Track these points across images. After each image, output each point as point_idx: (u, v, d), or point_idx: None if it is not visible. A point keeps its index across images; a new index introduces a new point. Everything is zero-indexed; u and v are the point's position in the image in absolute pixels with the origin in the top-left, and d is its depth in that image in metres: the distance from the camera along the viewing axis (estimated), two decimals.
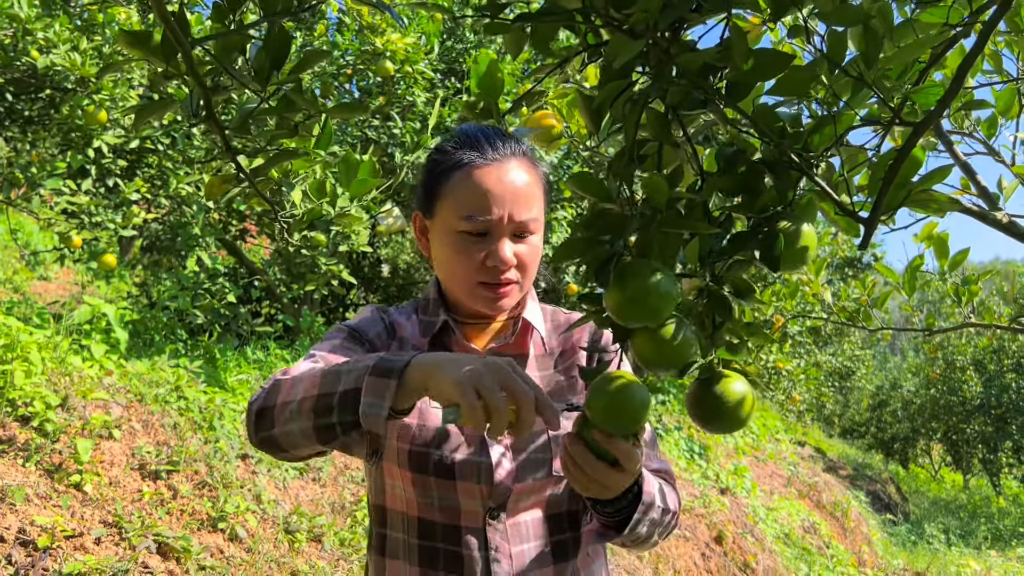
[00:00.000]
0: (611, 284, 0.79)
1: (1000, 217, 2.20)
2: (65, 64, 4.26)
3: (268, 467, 3.94)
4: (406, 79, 5.38)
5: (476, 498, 1.21)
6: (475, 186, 1.21)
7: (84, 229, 4.45)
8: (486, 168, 1.22)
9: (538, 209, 1.26)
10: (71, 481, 3.10)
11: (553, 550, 1.26)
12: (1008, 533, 10.74)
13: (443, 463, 1.21)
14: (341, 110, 1.03)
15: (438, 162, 1.26)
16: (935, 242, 2.77)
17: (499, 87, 0.85)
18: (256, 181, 1.13)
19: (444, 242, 1.25)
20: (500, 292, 1.24)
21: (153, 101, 1.06)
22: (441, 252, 1.27)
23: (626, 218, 0.76)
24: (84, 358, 4.03)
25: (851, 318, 3.03)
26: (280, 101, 1.01)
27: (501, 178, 1.22)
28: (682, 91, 0.75)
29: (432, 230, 1.30)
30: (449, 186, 1.23)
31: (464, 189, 1.22)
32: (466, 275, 1.24)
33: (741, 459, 8.06)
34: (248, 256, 6.71)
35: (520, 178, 1.23)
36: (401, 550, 1.25)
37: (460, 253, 1.23)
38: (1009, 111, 2.45)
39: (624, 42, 0.69)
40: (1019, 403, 13.45)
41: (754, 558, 5.68)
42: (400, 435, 1.24)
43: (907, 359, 19.66)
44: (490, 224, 1.21)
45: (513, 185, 1.22)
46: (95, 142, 4.51)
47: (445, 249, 1.25)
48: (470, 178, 1.22)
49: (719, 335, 0.84)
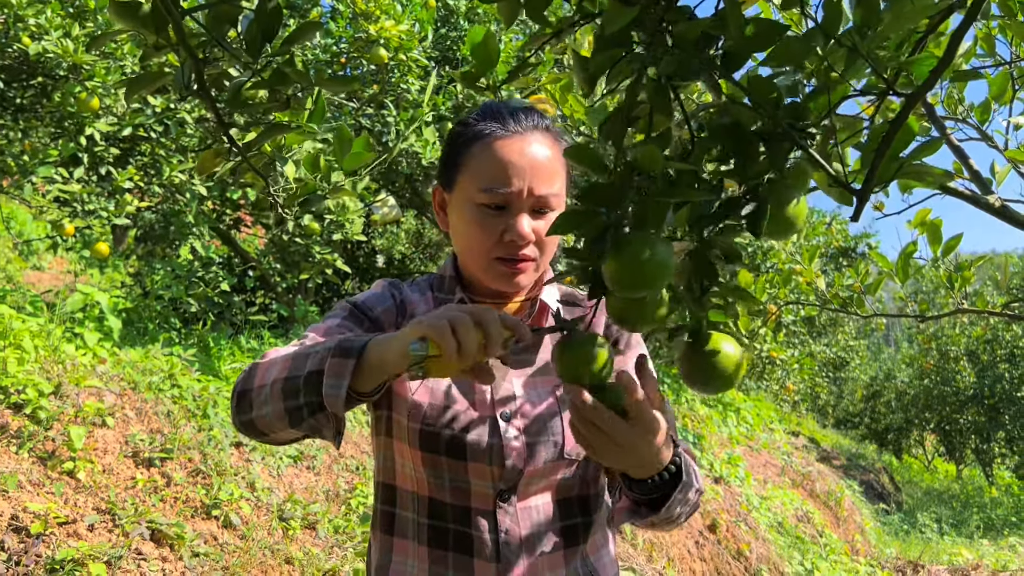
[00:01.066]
0: (608, 255, 0.79)
1: (992, 201, 2.21)
2: (57, 51, 4.23)
3: (262, 455, 3.93)
4: (400, 67, 5.36)
5: (487, 479, 1.20)
6: (495, 157, 1.18)
7: (76, 217, 4.43)
8: (507, 140, 1.19)
9: (560, 185, 1.23)
10: (64, 468, 3.09)
11: (563, 534, 1.24)
12: (1000, 522, 10.81)
13: (454, 443, 1.19)
14: (332, 83, 1.02)
15: (459, 134, 1.24)
16: (928, 228, 2.78)
17: (495, 57, 0.84)
18: (249, 155, 1.12)
19: (462, 215, 1.22)
20: (517, 268, 1.21)
21: (144, 73, 1.05)
22: (459, 225, 1.24)
23: (622, 189, 0.76)
24: (77, 346, 4.01)
25: (844, 305, 3.04)
26: (272, 74, 1.01)
27: (522, 150, 1.19)
28: (676, 61, 0.74)
29: (451, 203, 1.27)
30: (469, 156, 1.21)
31: (484, 160, 1.19)
32: (483, 249, 1.21)
33: (735, 448, 8.09)
34: (242, 246, 6.69)
35: (541, 152, 1.20)
36: (410, 529, 1.24)
37: (478, 226, 1.20)
38: (1003, 96, 2.45)
39: (618, 9, 0.69)
40: (1012, 393, 13.52)
41: (747, 546, 5.70)
42: (411, 414, 1.22)
43: (901, 350, 19.75)
44: (509, 197, 1.18)
45: (534, 158, 1.19)
46: (87, 130, 4.48)
47: (463, 222, 1.23)
48: (490, 149, 1.19)
49: (706, 298, 0.85)
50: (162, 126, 4.78)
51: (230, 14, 0.97)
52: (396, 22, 5.13)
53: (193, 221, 4.90)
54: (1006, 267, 3.28)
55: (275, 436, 1.12)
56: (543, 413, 1.24)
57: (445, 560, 1.20)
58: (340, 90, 1.09)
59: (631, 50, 0.77)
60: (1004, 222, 2.16)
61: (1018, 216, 2.17)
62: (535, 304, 1.31)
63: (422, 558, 1.21)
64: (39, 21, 4.27)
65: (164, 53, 1.01)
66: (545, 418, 1.24)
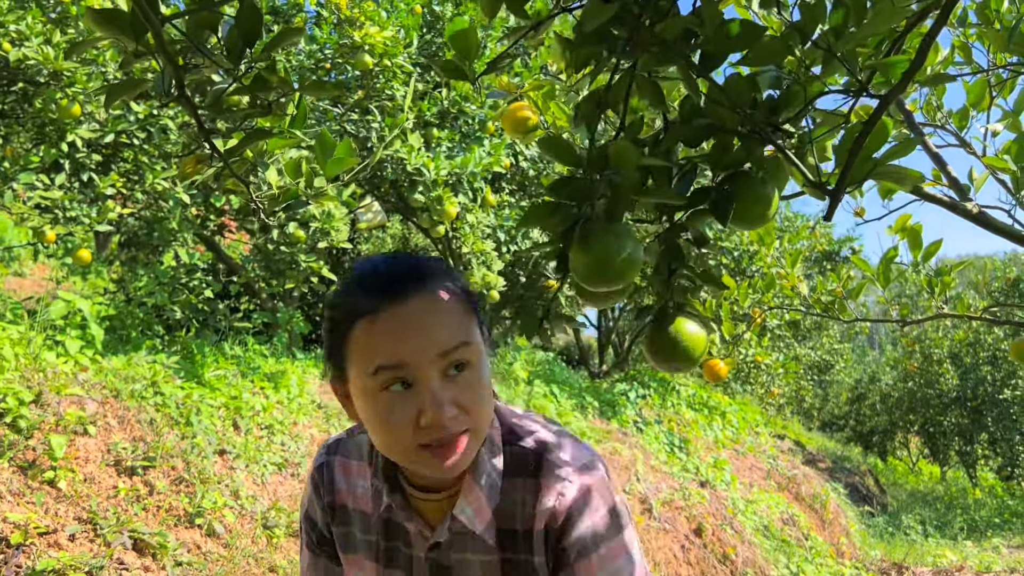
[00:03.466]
0: (577, 248, 0.80)
1: (970, 208, 2.23)
2: (38, 57, 4.20)
3: (246, 463, 3.91)
4: (385, 73, 5.35)
5: None
6: (377, 335, 1.00)
7: (58, 224, 4.39)
8: (385, 314, 1.00)
9: (466, 331, 1.03)
10: (45, 478, 3.06)
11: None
12: (984, 524, 10.89)
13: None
14: (314, 89, 1.02)
15: (334, 321, 1.07)
16: (908, 234, 2.80)
17: (474, 48, 0.84)
18: (230, 161, 1.11)
19: (365, 408, 1.03)
20: (451, 450, 1.00)
21: (124, 80, 1.04)
22: (367, 420, 1.04)
23: (593, 183, 0.76)
24: (59, 354, 3.98)
25: (827, 310, 3.06)
26: (253, 80, 1.00)
27: (406, 318, 1.00)
28: (655, 59, 0.75)
29: (354, 395, 1.07)
30: (351, 343, 1.03)
31: (366, 343, 1.01)
32: (402, 443, 1.00)
33: (721, 452, 8.11)
34: (227, 252, 6.65)
35: (430, 309, 1.02)
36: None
37: (386, 418, 1.00)
38: (980, 103, 2.48)
39: (597, 6, 0.69)
40: (994, 395, 13.64)
41: (733, 550, 5.72)
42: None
43: (885, 353, 19.88)
44: (408, 371, 0.99)
45: (423, 320, 1.01)
46: (69, 136, 4.44)
47: (369, 417, 1.03)
48: (370, 329, 1.01)
49: (674, 280, 0.87)
50: (145, 132, 4.76)
51: (210, 21, 0.97)
52: (381, 28, 5.13)
53: (176, 227, 4.87)
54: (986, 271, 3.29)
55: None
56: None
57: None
58: (322, 95, 1.08)
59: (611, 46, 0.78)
60: (982, 228, 2.19)
61: (995, 222, 2.19)
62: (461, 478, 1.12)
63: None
64: (19, 27, 4.24)
65: (144, 60, 1.01)
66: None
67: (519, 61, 5.98)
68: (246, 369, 4.91)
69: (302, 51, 5.99)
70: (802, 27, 0.75)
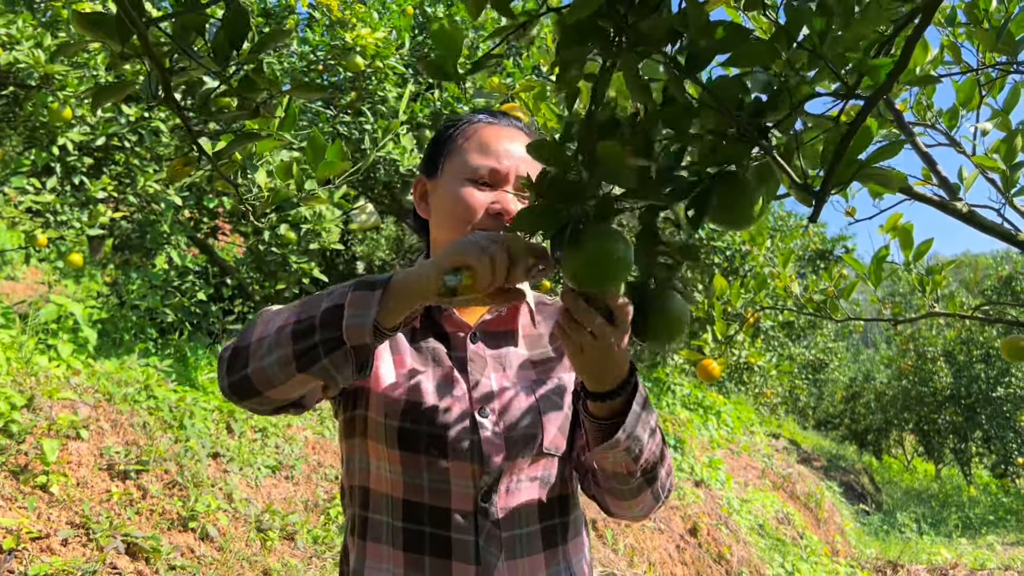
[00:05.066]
0: (569, 250, 0.81)
1: (960, 207, 2.24)
2: (28, 61, 4.18)
3: (240, 466, 3.90)
4: (377, 74, 5.35)
5: (467, 478, 1.18)
6: (486, 138, 1.26)
7: (49, 228, 4.37)
8: (496, 127, 1.28)
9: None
10: (37, 482, 3.05)
11: (544, 535, 1.23)
12: (978, 521, 10.92)
13: (434, 440, 1.17)
14: (302, 90, 1.02)
15: (449, 125, 1.32)
16: (900, 233, 2.81)
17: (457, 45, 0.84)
18: (219, 164, 1.11)
19: (448, 191, 1.26)
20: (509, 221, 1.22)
21: (111, 83, 1.04)
22: (444, 202, 1.27)
23: (582, 184, 0.76)
24: (51, 358, 3.96)
25: (819, 309, 3.06)
26: (240, 82, 1.00)
27: (512, 137, 1.28)
28: (637, 59, 0.75)
29: (435, 190, 1.30)
30: (460, 141, 1.28)
31: (475, 140, 1.27)
32: (467, 218, 1.22)
33: (715, 452, 8.12)
34: (221, 255, 6.64)
35: (523, 142, 1.27)
36: (384, 533, 1.21)
37: (467, 196, 1.23)
38: (970, 102, 2.49)
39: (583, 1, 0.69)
40: (988, 393, 13.68)
41: (728, 549, 5.72)
42: (388, 412, 1.19)
43: (879, 351, 19.94)
44: (498, 175, 1.24)
45: (520, 148, 1.27)
46: (60, 139, 4.43)
47: (449, 197, 1.25)
48: (481, 133, 1.27)
49: (655, 257, 0.87)
50: (136, 135, 4.74)
51: (197, 23, 0.97)
52: (373, 30, 5.13)
53: (168, 231, 4.86)
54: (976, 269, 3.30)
55: (273, 392, 1.06)
56: (521, 409, 1.23)
57: (421, 564, 1.17)
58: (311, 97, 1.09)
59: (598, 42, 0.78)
60: (972, 227, 2.19)
61: (985, 221, 2.20)
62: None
63: (398, 562, 1.19)
64: (10, 31, 4.23)
65: (132, 62, 1.01)
66: (524, 413, 1.23)
67: (511, 61, 5.97)
68: None
69: (295, 53, 5.98)
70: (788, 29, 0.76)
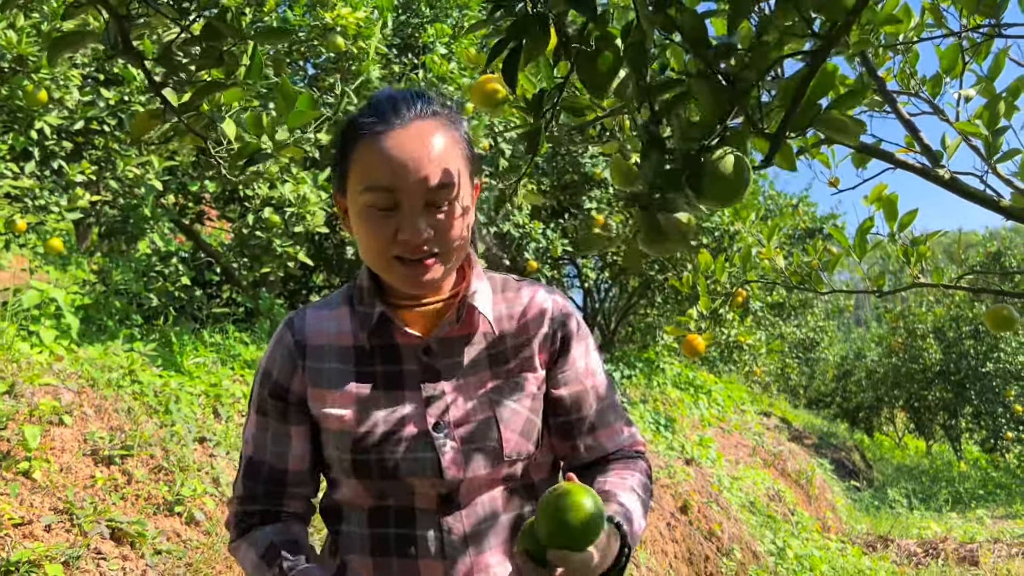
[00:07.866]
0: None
1: (942, 174, 2.22)
2: (1, 42, 4.12)
3: (227, 450, 3.88)
4: (359, 54, 5.28)
5: (429, 488, 1.17)
6: (374, 156, 1.11)
7: (28, 213, 4.32)
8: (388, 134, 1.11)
9: (455, 172, 1.14)
10: (19, 468, 3.02)
11: (512, 525, 1.22)
12: (968, 496, 11.02)
13: (386, 466, 1.16)
14: (267, 36, 0.98)
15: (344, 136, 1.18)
16: (884, 204, 2.79)
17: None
18: (186, 116, 1.07)
19: (356, 219, 1.16)
20: (421, 266, 1.14)
21: (68, 33, 1.00)
22: (356, 229, 1.18)
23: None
24: (32, 344, 3.93)
25: (803, 282, 3.05)
26: (203, 29, 0.97)
27: (403, 144, 1.11)
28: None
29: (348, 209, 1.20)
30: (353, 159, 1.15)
31: (365, 160, 1.13)
32: (380, 250, 1.14)
33: (706, 430, 8.14)
34: (207, 240, 6.59)
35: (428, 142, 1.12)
36: (355, 544, 1.21)
37: (370, 228, 1.13)
38: (953, 69, 2.46)
39: None
40: (977, 369, 13.77)
41: (719, 526, 5.75)
42: (339, 446, 1.19)
43: (870, 329, 20.01)
44: (394, 195, 1.11)
45: (418, 151, 1.11)
46: (37, 123, 4.37)
47: (357, 226, 1.17)
48: (370, 147, 1.12)
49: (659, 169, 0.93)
50: (116, 119, 4.68)
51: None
52: (353, 9, 5.06)
53: (151, 215, 4.81)
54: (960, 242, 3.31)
55: None
56: (478, 420, 1.20)
57: (389, 565, 1.18)
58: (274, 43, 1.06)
59: None
60: (954, 194, 2.18)
61: (967, 188, 2.18)
62: (463, 306, 1.23)
63: (367, 569, 1.19)
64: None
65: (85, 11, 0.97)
66: (480, 425, 1.20)
67: None
68: (226, 356, 4.86)
69: None
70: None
